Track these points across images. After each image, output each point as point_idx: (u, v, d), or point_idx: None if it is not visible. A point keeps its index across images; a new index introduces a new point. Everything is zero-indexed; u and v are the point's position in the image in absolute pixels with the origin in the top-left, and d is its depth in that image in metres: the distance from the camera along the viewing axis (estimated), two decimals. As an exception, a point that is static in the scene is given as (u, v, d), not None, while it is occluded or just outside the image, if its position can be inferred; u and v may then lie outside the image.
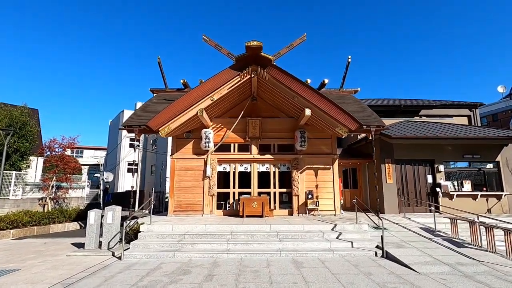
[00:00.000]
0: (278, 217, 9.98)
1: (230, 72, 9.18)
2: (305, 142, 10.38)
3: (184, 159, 10.77)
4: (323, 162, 10.78)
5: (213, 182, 10.59)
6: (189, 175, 10.68)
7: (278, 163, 11.00)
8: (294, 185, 10.57)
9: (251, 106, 10.98)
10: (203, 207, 10.42)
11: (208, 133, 10.45)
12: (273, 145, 11.00)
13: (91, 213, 7.47)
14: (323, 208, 10.44)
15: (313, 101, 9.10)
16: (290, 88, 9.16)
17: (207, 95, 9.18)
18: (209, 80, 9.12)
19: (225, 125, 10.94)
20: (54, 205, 14.38)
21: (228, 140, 10.89)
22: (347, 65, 11.14)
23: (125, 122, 9.47)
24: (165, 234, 7.56)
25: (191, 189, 10.58)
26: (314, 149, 10.84)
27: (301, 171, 10.70)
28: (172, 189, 10.57)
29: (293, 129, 10.82)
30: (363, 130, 9.49)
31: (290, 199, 10.94)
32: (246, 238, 7.41)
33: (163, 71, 11.47)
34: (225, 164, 11.04)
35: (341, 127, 9.22)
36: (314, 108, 9.20)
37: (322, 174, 10.74)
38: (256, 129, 10.80)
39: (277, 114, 11.14)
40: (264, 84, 9.68)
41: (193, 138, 10.90)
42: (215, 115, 10.87)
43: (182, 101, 9.06)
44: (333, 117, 9.09)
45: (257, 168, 10.92)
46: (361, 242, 7.15)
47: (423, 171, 11.79)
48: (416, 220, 9.72)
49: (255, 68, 9.17)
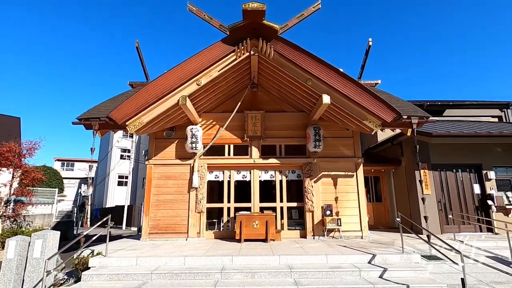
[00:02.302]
0: (287, 241, 7.47)
1: (222, 47, 6.91)
2: (320, 141, 8.00)
3: (165, 165, 8.34)
4: (344, 167, 8.37)
5: (202, 194, 8.12)
6: (170, 186, 8.22)
7: (286, 170, 8.57)
8: (307, 198, 8.11)
9: (250, 96, 8.67)
10: (188, 228, 7.91)
11: (196, 130, 8.08)
12: (279, 146, 8.61)
13: (10, 243, 4.93)
14: (346, 228, 7.93)
15: (334, 83, 6.80)
16: (303, 68, 6.87)
17: (191, 77, 6.87)
18: (194, 57, 6.83)
19: (218, 122, 8.58)
20: (11, 225, 11.80)
21: (221, 140, 8.50)
22: (367, 50, 8.89)
23: (82, 114, 7.11)
24: (122, 273, 5.03)
25: (172, 204, 8.10)
26: (331, 151, 8.45)
27: (316, 180, 8.26)
28: (148, 204, 8.09)
29: (305, 126, 8.47)
30: (400, 123, 7.14)
31: (302, 216, 8.46)
32: (244, 279, 4.91)
33: (143, 59, 9.22)
34: (217, 171, 8.60)
35: (372, 119, 6.87)
36: (335, 93, 6.88)
37: (342, 183, 8.30)
38: (257, 126, 8.43)
39: (284, 107, 8.81)
40: (268, 65, 7.41)
41: (176, 138, 8.51)
42: (204, 109, 8.53)
43: (158, 84, 6.73)
44: (361, 105, 6.76)
45: (258, 176, 8.48)
46: (422, 286, 4.64)
47: (468, 179, 9.36)
48: (472, 243, 7.22)
49: (256, 43, 6.92)
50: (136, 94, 6.64)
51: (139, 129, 7.10)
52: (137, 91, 6.70)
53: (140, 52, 8.87)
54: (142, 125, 6.85)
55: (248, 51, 7.03)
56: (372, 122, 6.89)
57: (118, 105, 6.66)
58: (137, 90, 6.85)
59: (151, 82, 6.71)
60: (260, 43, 6.84)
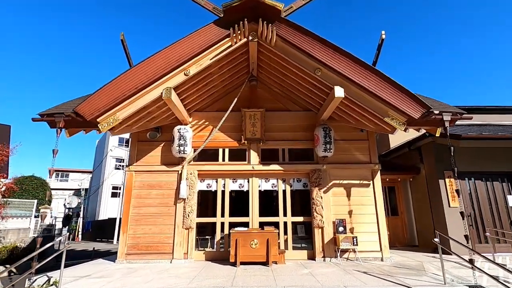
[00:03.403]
0: (292, 265, 6.14)
1: (215, 30, 5.81)
2: (331, 144, 6.79)
3: (148, 172, 7.10)
4: (358, 175, 7.12)
5: (191, 207, 6.85)
6: (153, 197, 6.96)
7: (290, 178, 7.33)
8: (316, 212, 6.83)
9: (249, 93, 7.53)
10: (174, 247, 6.59)
11: (184, 131, 6.88)
12: (282, 150, 7.39)
13: None
14: (364, 248, 6.62)
15: (349, 72, 5.65)
16: (311, 55, 5.74)
17: (178, 65, 5.73)
18: (181, 42, 5.71)
19: (211, 122, 7.40)
20: (-21, 241, 10.45)
21: (214, 144, 7.30)
22: (380, 45, 7.81)
23: (47, 110, 5.92)
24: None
25: (155, 219, 6.81)
26: (343, 156, 7.23)
27: (326, 190, 7.00)
28: (126, 218, 6.80)
29: (312, 127, 7.29)
30: (429, 120, 5.93)
31: (309, 232, 7.16)
32: (238, 325, 3.60)
33: (129, 53, 8.12)
34: (209, 180, 7.35)
35: (395, 116, 5.68)
36: (350, 85, 5.72)
37: (357, 193, 7.04)
38: (257, 126, 7.25)
39: (288, 105, 7.64)
40: (269, 54, 6.30)
41: (161, 141, 7.31)
42: (195, 107, 7.38)
43: (137, 72, 5.59)
44: (382, 98, 5.58)
45: (258, 185, 7.22)
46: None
47: (500, 189, 8.09)
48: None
49: (255, 27, 5.83)
50: (109, 83, 5.48)
51: (114, 128, 5.92)
52: (112, 80, 5.55)
53: (126, 46, 7.73)
54: (118, 122, 5.66)
55: (245, 36, 5.92)
56: (395, 120, 5.69)
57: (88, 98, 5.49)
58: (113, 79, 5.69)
59: (128, 69, 5.56)
60: (260, 26, 5.73)
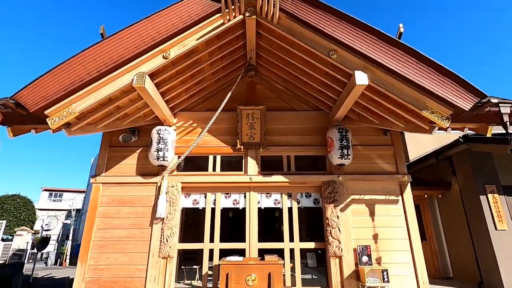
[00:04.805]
0: (303, 309, 4.55)
1: (203, 2, 4.62)
2: (349, 149, 5.40)
3: (119, 185, 5.64)
4: (383, 189, 5.67)
5: (171, 229, 5.33)
6: (124, 216, 5.46)
7: (297, 192, 5.86)
8: (331, 235, 5.31)
9: (246, 89, 6.28)
10: (146, 283, 5.02)
11: (165, 133, 5.52)
12: (287, 158, 5.98)
13: None
14: (395, 284, 5.04)
15: (374, 52, 4.39)
16: (325, 32, 4.50)
17: (154, 44, 4.47)
18: (160, 14, 4.48)
19: (200, 124, 6.06)
20: None
21: (203, 149, 5.92)
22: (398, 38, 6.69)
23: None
24: None
25: (125, 245, 5.28)
26: (363, 165, 5.81)
27: (343, 207, 5.52)
28: (87, 244, 5.26)
29: (322, 130, 5.94)
30: (480, 115, 4.55)
31: (322, 261, 5.61)
32: None
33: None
34: (196, 194, 5.87)
35: (436, 108, 4.34)
36: (375, 69, 4.44)
37: (382, 212, 5.55)
38: (256, 128, 5.89)
39: (293, 104, 6.33)
40: (271, 37, 5.09)
41: (138, 146, 5.92)
42: (181, 105, 6.08)
43: (99, 51, 4.31)
44: (419, 85, 4.27)
45: (257, 201, 5.74)
46: None
47: (555, 207, 6.62)
48: None
49: (253, 1, 4.66)
50: (62, 64, 4.18)
51: (71, 125, 4.58)
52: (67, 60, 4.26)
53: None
54: (73, 115, 4.31)
55: (241, 13, 4.73)
56: (436, 113, 4.35)
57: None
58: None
59: (88, 47, 4.29)
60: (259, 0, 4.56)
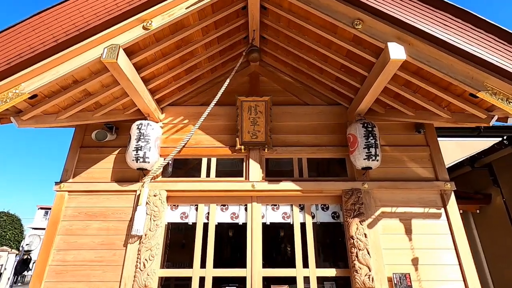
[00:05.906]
0: None
1: (195, -39, 3.72)
2: (376, 148, 4.28)
3: (89, 194, 4.52)
4: (420, 199, 4.49)
5: (151, 251, 4.14)
6: (93, 233, 4.30)
7: (312, 204, 4.68)
8: (358, 260, 4.07)
9: (247, 77, 5.30)
10: (114, 324, 3.78)
11: (147, 128, 4.46)
12: (298, 161, 4.85)
13: None
14: (446, 329, 3.75)
15: (412, 17, 3.39)
16: (346, -4, 3.56)
17: (131, 9, 3.51)
18: (138, -26, 3.59)
19: (192, 120, 5.01)
20: None
21: (195, 150, 4.84)
22: None
23: None
24: None
25: (91, 271, 4.08)
26: (393, 170, 4.67)
27: (371, 223, 4.33)
28: (42, 269, 4.07)
29: (340, 127, 4.88)
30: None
31: (346, 297, 4.33)
32: None
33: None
34: (185, 206, 4.70)
35: (499, 88, 3.27)
36: (414, 39, 3.43)
37: (421, 229, 4.33)
38: (260, 125, 4.82)
39: (304, 97, 5.28)
40: (279, 10, 4.15)
41: (116, 146, 4.84)
42: (170, 98, 5.07)
43: (59, 13, 3.35)
44: (476, 57, 3.23)
45: (261, 214, 4.56)
46: None
47: None
48: None
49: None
50: (8, 30, 3.22)
51: (21, 112, 3.56)
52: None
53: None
54: (22, 97, 3.29)
55: (242, -23, 3.83)
56: (499, 94, 3.28)
57: (-31, 55, 3.21)
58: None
59: (42, 10, 3.33)
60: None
